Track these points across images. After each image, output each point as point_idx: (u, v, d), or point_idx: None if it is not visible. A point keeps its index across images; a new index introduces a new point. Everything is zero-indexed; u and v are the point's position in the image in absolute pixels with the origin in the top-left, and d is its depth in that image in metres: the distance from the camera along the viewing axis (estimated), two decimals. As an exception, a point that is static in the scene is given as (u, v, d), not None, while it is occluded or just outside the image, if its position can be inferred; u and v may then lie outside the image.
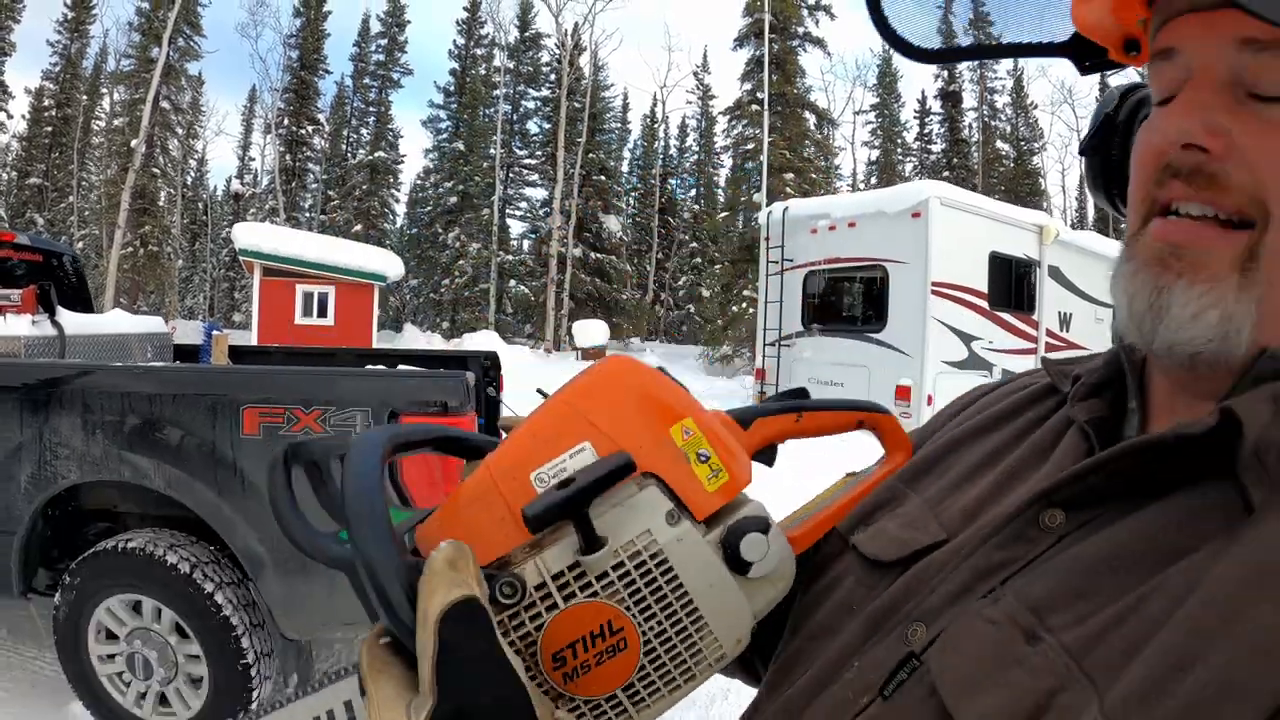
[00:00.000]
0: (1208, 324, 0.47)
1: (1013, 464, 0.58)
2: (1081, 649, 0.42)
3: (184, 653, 2.94)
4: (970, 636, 0.47)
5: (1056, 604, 0.45)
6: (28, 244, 4.93)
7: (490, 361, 4.75)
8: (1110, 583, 0.44)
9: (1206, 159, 0.47)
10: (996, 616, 0.47)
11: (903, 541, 0.57)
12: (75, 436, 2.91)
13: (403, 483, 2.17)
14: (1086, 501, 0.49)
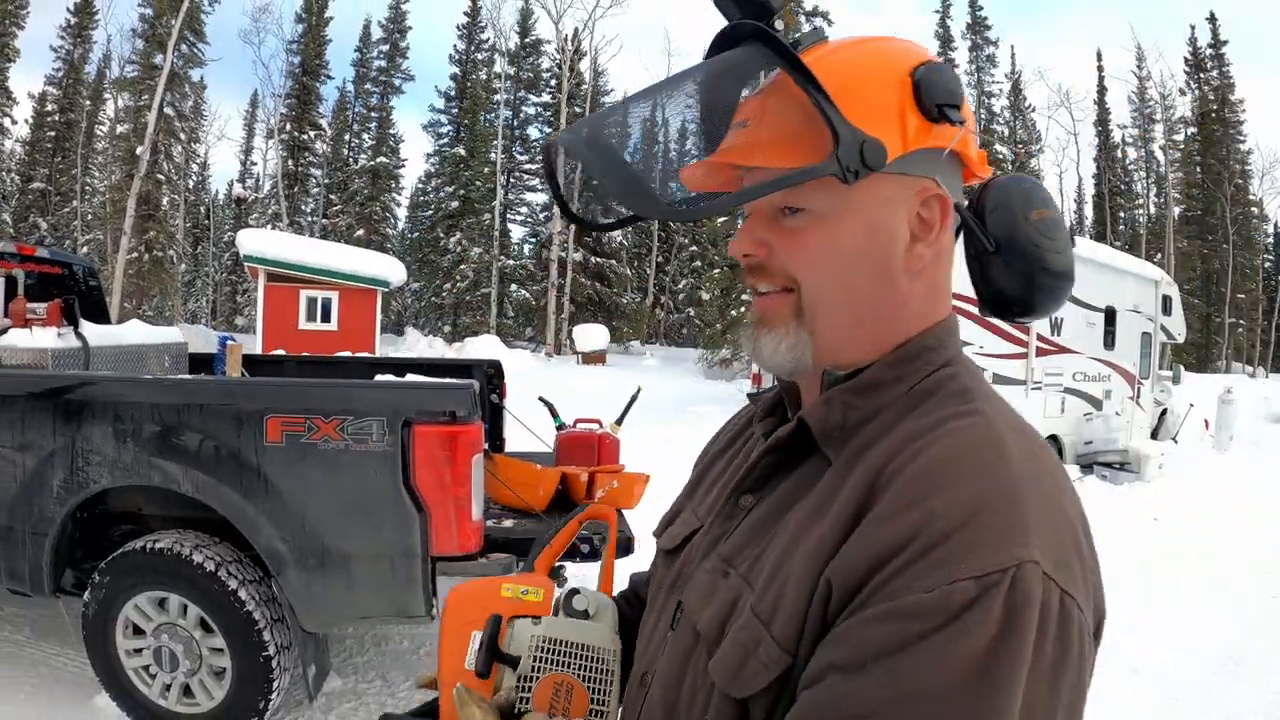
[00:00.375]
0: (784, 353, 0.76)
1: (734, 469, 0.88)
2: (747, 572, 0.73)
3: (208, 646, 3.11)
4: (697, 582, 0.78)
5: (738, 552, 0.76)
6: (48, 257, 5.10)
7: (494, 369, 4.92)
8: (762, 531, 0.75)
9: (758, 260, 0.77)
10: (708, 567, 0.78)
11: (678, 535, 0.90)
12: (107, 444, 3.09)
13: (416, 486, 2.41)
14: (759, 485, 0.81)
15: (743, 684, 0.67)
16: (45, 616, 4.34)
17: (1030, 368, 9.27)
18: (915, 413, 0.71)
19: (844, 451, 0.72)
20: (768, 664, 0.66)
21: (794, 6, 27.12)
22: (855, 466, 0.69)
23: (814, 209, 0.73)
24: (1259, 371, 38.67)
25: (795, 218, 0.74)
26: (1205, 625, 4.92)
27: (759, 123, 0.73)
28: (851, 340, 0.76)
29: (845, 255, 0.73)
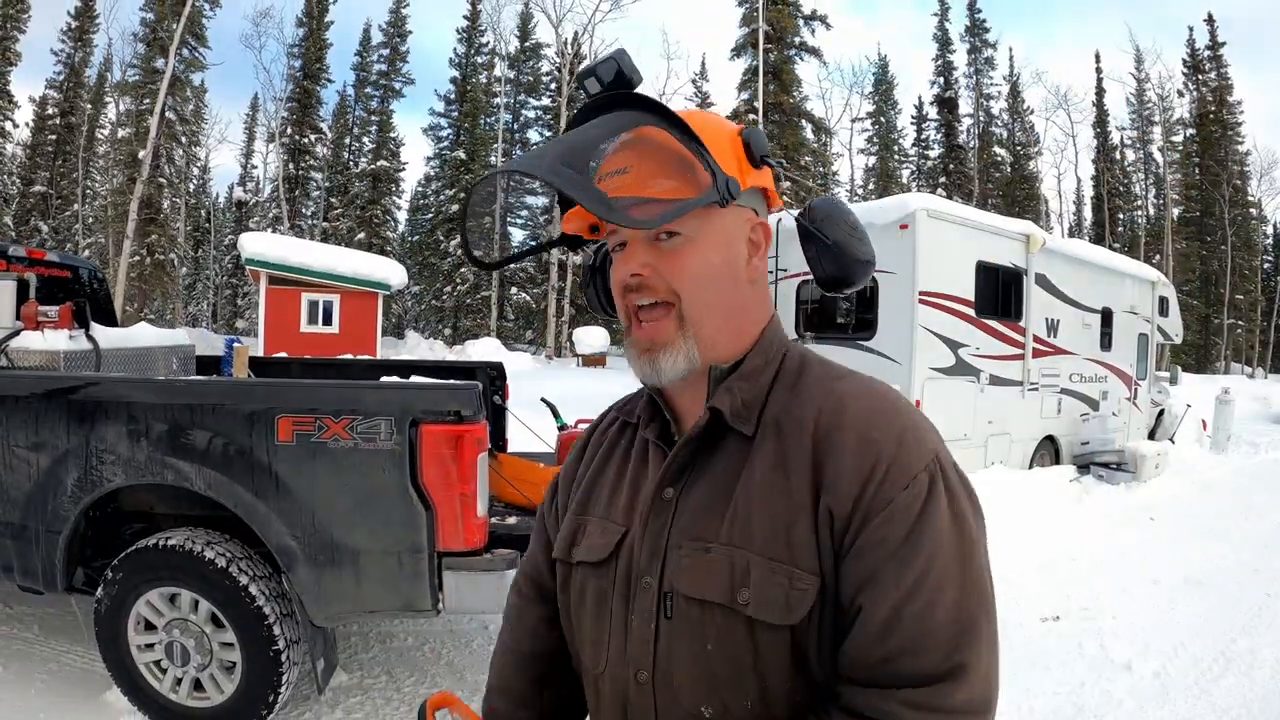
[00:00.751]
0: (681, 364, 0.92)
1: (632, 474, 1.02)
2: (728, 540, 0.88)
3: (219, 640, 3.18)
4: (684, 563, 0.90)
5: (704, 531, 0.90)
6: (56, 261, 5.18)
7: (496, 371, 4.99)
8: (717, 506, 0.90)
9: (642, 280, 0.92)
10: (684, 553, 0.91)
11: (606, 543, 0.99)
12: (121, 443, 3.16)
13: (423, 483, 2.50)
14: (677, 478, 0.95)
15: (795, 613, 0.85)
16: (55, 614, 4.41)
17: (1026, 369, 9.33)
18: (800, 385, 0.95)
19: (760, 424, 0.93)
20: (806, 589, 0.85)
21: (791, 11, 27.21)
22: (785, 433, 0.91)
23: (687, 233, 0.92)
24: (1258, 372, 38.71)
25: (671, 241, 0.92)
26: (1198, 622, 4.98)
27: (639, 167, 0.91)
28: (723, 336, 0.95)
29: (713, 269, 0.93)
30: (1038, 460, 9.76)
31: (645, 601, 0.92)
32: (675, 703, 0.90)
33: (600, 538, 1.00)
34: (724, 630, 0.87)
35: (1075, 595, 5.49)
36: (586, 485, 1.07)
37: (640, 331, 0.94)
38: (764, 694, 0.87)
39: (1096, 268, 10.86)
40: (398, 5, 39.34)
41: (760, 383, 0.95)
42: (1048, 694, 3.91)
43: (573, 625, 1.04)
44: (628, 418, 1.08)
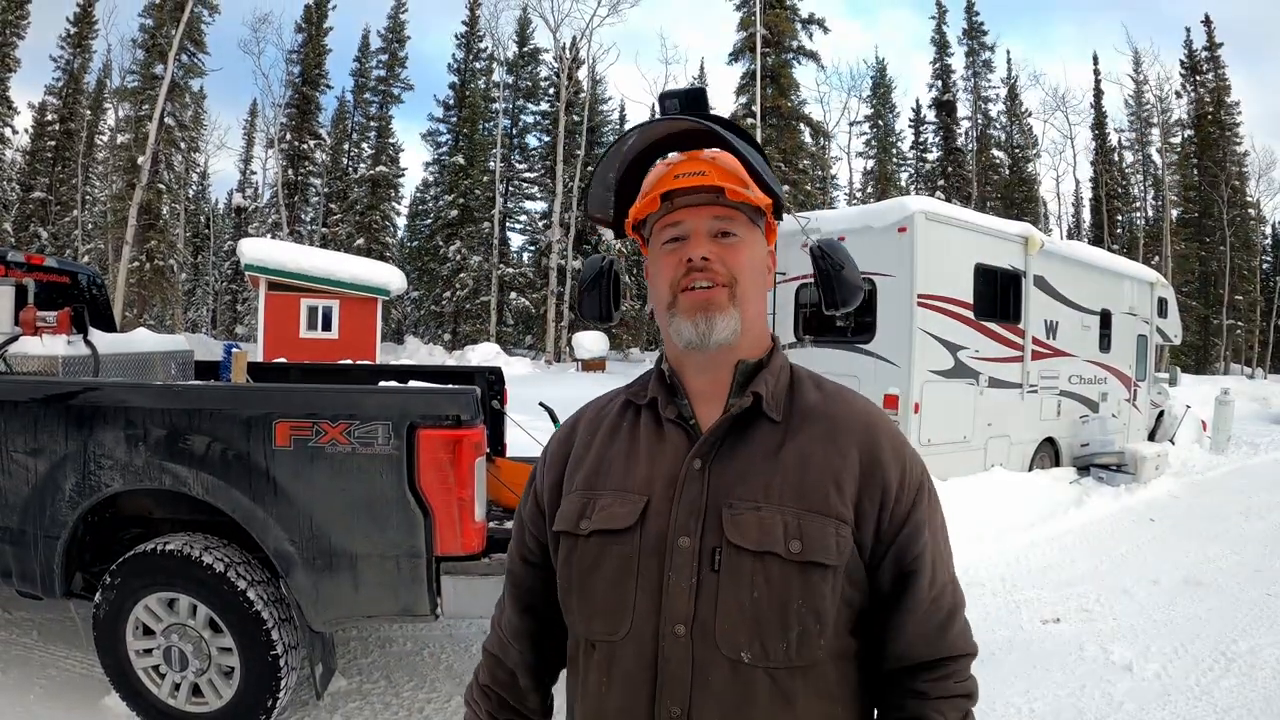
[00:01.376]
0: (731, 324, 1.07)
1: (646, 449, 1.11)
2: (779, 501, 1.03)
3: (217, 645, 3.18)
4: (738, 520, 1.02)
5: (748, 493, 1.04)
6: (55, 266, 5.18)
7: (494, 376, 4.99)
8: (757, 474, 1.05)
9: (708, 263, 1.07)
10: (740, 509, 1.03)
11: (629, 511, 1.07)
12: (119, 449, 3.16)
13: (420, 488, 2.50)
14: (708, 450, 1.07)
15: (838, 554, 1.02)
16: (53, 620, 4.41)
17: (1026, 371, 9.33)
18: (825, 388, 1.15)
19: (793, 413, 1.10)
20: (846, 537, 1.03)
21: (789, 15, 27.25)
22: (834, 420, 1.10)
23: (739, 234, 1.10)
24: (1257, 372, 38.70)
25: (728, 239, 1.09)
26: (1198, 623, 4.98)
27: (715, 173, 1.09)
28: (754, 326, 1.12)
29: (756, 266, 1.12)
30: (1038, 462, 9.76)
31: (682, 559, 1.02)
32: (715, 650, 1.00)
33: (621, 507, 1.07)
34: (776, 577, 1.00)
35: (1076, 597, 5.48)
36: (592, 462, 1.14)
37: (695, 295, 1.07)
38: (801, 636, 1.00)
39: (1095, 269, 10.87)
40: (396, 11, 39.40)
41: (782, 381, 1.12)
42: (1049, 696, 3.90)
43: (575, 598, 1.10)
44: (635, 399, 1.17)
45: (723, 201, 1.08)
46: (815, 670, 1.02)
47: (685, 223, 1.09)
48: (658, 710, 1.01)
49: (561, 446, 1.21)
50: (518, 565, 1.25)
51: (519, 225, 39.92)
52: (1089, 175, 43.41)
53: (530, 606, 1.24)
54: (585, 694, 1.10)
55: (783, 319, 9.63)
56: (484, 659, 1.28)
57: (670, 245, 1.10)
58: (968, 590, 4.71)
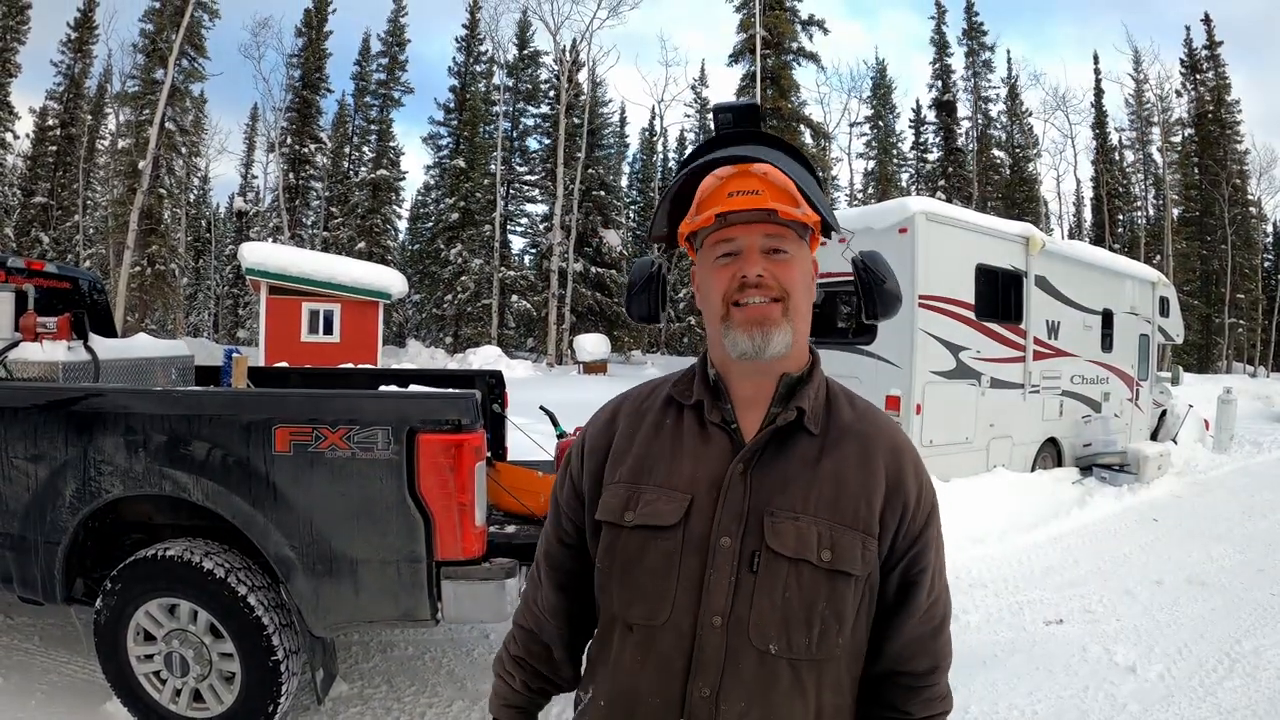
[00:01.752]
0: (785, 337, 1.14)
1: (691, 449, 1.18)
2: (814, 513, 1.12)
3: (218, 651, 3.17)
4: (779, 528, 1.11)
5: (788, 503, 1.12)
6: (55, 272, 5.18)
7: (495, 379, 4.98)
8: (798, 487, 1.13)
9: (763, 279, 1.13)
10: (780, 518, 1.12)
11: (674, 509, 1.14)
12: (119, 454, 3.15)
13: (421, 492, 2.49)
14: (750, 457, 1.15)
15: (864, 565, 1.13)
16: (54, 625, 4.41)
17: (1028, 371, 9.32)
18: (857, 406, 1.24)
19: (830, 429, 1.19)
20: (871, 550, 1.14)
21: (789, 17, 27.25)
22: (866, 440, 1.19)
23: (790, 251, 1.16)
24: (1260, 371, 38.68)
25: (779, 255, 1.15)
26: (1202, 624, 4.97)
27: (770, 192, 1.14)
28: (802, 339, 1.18)
29: (806, 281, 1.18)
30: (1040, 463, 9.75)
31: (723, 558, 1.11)
32: (746, 641, 1.10)
33: (666, 504, 1.15)
34: (807, 581, 1.11)
35: (1079, 598, 5.47)
36: (636, 456, 1.21)
37: (748, 311, 1.13)
38: (822, 633, 1.11)
39: (1097, 269, 10.85)
40: (396, 15, 39.45)
41: (821, 396, 1.21)
42: (1052, 698, 3.89)
43: (617, 584, 1.18)
44: (680, 397, 1.24)
45: (775, 220, 1.14)
46: (830, 665, 1.14)
47: (738, 239, 1.15)
48: (690, 690, 1.12)
49: (602, 436, 1.27)
50: (555, 547, 1.33)
51: (520, 228, 39.98)
52: (1090, 175, 43.46)
53: (566, 585, 1.32)
54: (617, 670, 1.18)
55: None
56: (516, 632, 1.37)
57: (724, 260, 1.16)
58: (971, 591, 4.73)
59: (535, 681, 1.34)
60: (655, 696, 1.14)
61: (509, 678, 1.35)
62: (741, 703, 1.11)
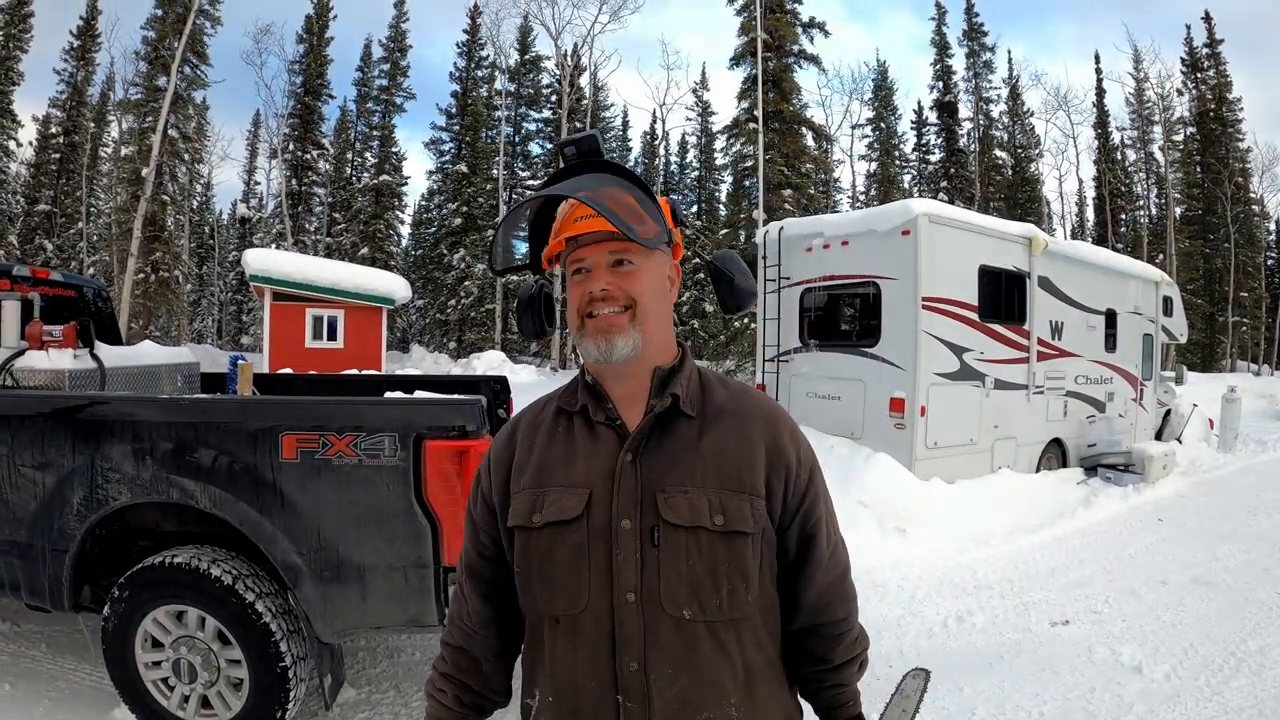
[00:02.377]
0: (629, 344, 1.24)
1: (582, 448, 1.29)
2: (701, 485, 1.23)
3: (226, 658, 3.19)
4: (671, 503, 1.21)
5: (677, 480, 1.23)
6: (60, 280, 5.20)
7: (500, 385, 5.00)
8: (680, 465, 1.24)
9: (608, 291, 1.24)
10: (671, 494, 1.22)
11: (576, 503, 1.24)
12: (126, 462, 3.17)
13: (427, 499, 2.50)
14: (637, 445, 1.25)
15: (755, 523, 1.24)
16: (61, 632, 4.42)
17: (1031, 372, 9.32)
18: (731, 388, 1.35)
19: (704, 410, 1.30)
20: (759, 509, 1.25)
21: (789, 19, 27.24)
22: (743, 415, 1.30)
23: (636, 262, 1.27)
24: (1264, 369, 38.58)
25: (625, 266, 1.27)
26: (1208, 624, 4.96)
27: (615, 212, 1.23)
28: (658, 338, 1.29)
29: (654, 287, 1.29)
30: (1044, 464, 9.74)
31: (626, 539, 1.21)
32: (660, 611, 1.20)
33: (568, 500, 1.25)
34: (705, 546, 1.21)
35: (1084, 599, 5.47)
36: (536, 463, 1.31)
37: (597, 321, 1.25)
38: (730, 594, 1.21)
39: (1099, 269, 10.84)
40: (398, 20, 39.50)
41: (694, 382, 1.32)
42: (1058, 699, 3.89)
43: (536, 582, 1.27)
44: (567, 406, 1.34)
45: (617, 237, 1.24)
46: (746, 623, 1.24)
47: (587, 259, 1.27)
48: (619, 666, 1.21)
49: (505, 451, 1.37)
50: (476, 560, 1.41)
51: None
52: (1092, 174, 43.35)
53: (490, 595, 1.39)
54: (554, 662, 1.26)
55: (788, 323, 9.64)
56: (444, 651, 1.43)
57: (577, 277, 1.29)
58: (976, 593, 4.73)
59: (467, 696, 1.40)
60: (591, 680, 1.22)
61: (440, 695, 1.41)
62: (669, 669, 1.20)
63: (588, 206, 1.23)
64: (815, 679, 1.37)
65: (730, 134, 30.97)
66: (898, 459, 7.82)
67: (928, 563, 6.33)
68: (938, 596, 5.53)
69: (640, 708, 1.20)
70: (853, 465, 7.64)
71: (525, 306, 1.45)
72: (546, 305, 1.45)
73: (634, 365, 1.27)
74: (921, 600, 5.46)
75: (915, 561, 6.35)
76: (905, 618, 5.09)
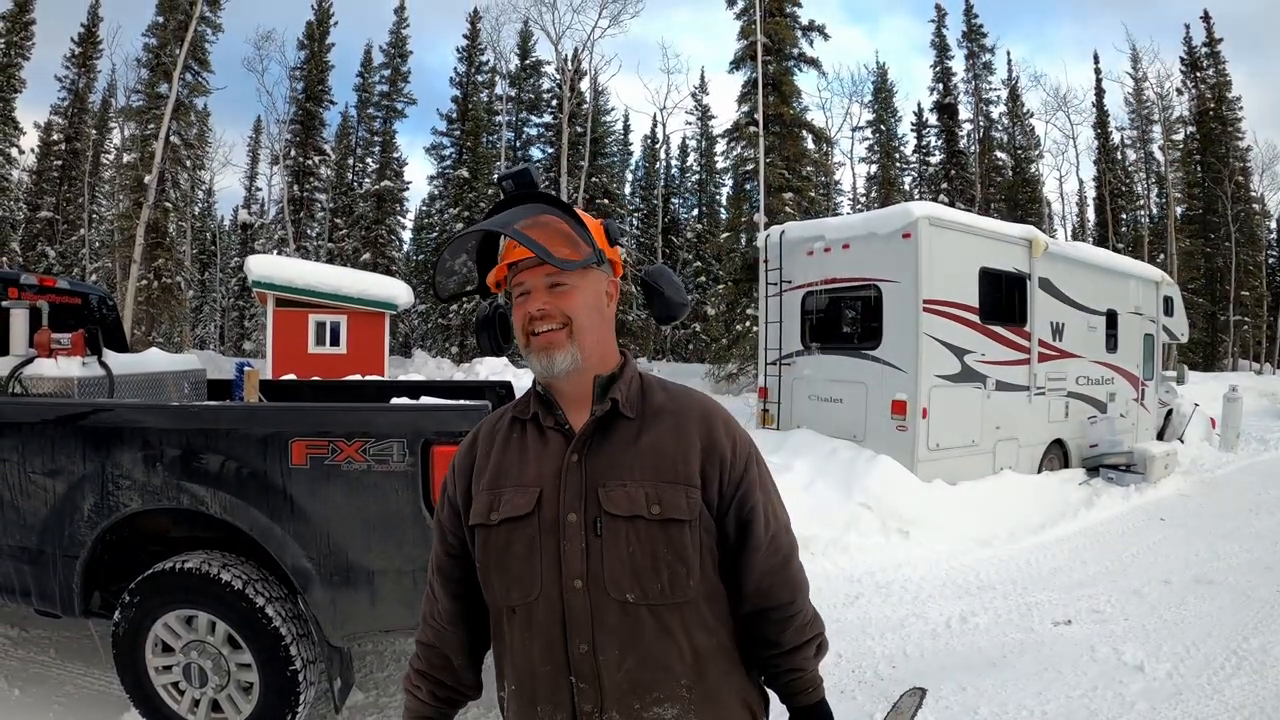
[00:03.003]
0: (567, 359, 1.35)
1: (533, 451, 1.39)
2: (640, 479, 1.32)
3: (236, 661, 3.22)
4: (612, 495, 1.30)
5: (617, 474, 1.32)
6: (67, 288, 5.23)
7: (504, 390, 5.03)
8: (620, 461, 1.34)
9: (545, 311, 1.35)
10: (609, 488, 1.31)
11: (527, 501, 1.34)
12: (137, 469, 3.20)
13: (434, 501, 2.50)
14: (581, 446, 1.34)
15: (690, 511, 1.32)
16: (69, 638, 4.45)
17: (1033, 373, 9.34)
18: (670, 390, 1.44)
19: (643, 411, 1.39)
20: (694, 498, 1.33)
21: (789, 23, 27.26)
22: (679, 414, 1.39)
23: (570, 282, 1.36)
24: (1266, 368, 38.54)
25: (560, 287, 1.36)
26: (1209, 622, 4.99)
27: (543, 238, 1.33)
28: (597, 350, 1.39)
29: (589, 304, 1.39)
30: (1046, 464, 9.76)
31: (572, 531, 1.30)
32: (606, 596, 1.28)
33: (520, 498, 1.35)
34: (644, 534, 1.29)
35: (1087, 598, 5.49)
36: (494, 467, 1.41)
37: (539, 339, 1.36)
38: (671, 579, 1.30)
39: (1100, 270, 10.87)
40: (398, 26, 39.56)
41: (634, 387, 1.42)
42: (1060, 698, 3.92)
43: (494, 575, 1.36)
44: (520, 415, 1.45)
45: (552, 260, 1.33)
46: (690, 606, 1.32)
47: (526, 282, 1.38)
48: (570, 649, 1.29)
49: (466, 458, 1.48)
50: (444, 560, 1.50)
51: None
52: (1092, 175, 43.35)
53: (459, 594, 1.48)
54: (513, 651, 1.36)
55: (789, 327, 9.67)
56: (418, 649, 1.55)
57: (520, 299, 1.39)
58: (979, 593, 4.75)
59: (441, 691, 1.51)
60: (546, 664, 1.31)
61: (416, 690, 1.52)
62: (616, 651, 1.29)
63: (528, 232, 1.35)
64: (771, 663, 1.44)
65: (731, 137, 30.91)
66: (900, 461, 7.83)
67: (931, 564, 6.36)
68: (941, 597, 5.56)
69: (592, 688, 1.29)
70: (855, 468, 7.66)
71: (482, 327, 1.55)
72: (502, 324, 1.53)
73: (575, 376, 1.37)
74: (925, 601, 5.48)
75: (918, 563, 6.37)
76: (909, 618, 5.12)
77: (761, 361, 10.20)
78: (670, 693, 1.30)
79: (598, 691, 1.29)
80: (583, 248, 1.38)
